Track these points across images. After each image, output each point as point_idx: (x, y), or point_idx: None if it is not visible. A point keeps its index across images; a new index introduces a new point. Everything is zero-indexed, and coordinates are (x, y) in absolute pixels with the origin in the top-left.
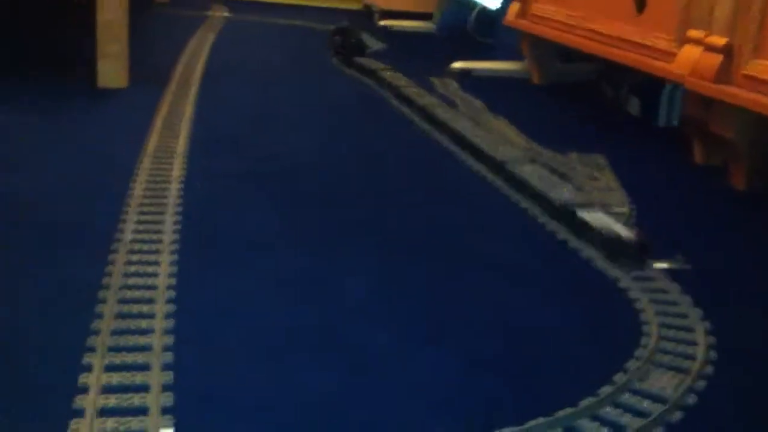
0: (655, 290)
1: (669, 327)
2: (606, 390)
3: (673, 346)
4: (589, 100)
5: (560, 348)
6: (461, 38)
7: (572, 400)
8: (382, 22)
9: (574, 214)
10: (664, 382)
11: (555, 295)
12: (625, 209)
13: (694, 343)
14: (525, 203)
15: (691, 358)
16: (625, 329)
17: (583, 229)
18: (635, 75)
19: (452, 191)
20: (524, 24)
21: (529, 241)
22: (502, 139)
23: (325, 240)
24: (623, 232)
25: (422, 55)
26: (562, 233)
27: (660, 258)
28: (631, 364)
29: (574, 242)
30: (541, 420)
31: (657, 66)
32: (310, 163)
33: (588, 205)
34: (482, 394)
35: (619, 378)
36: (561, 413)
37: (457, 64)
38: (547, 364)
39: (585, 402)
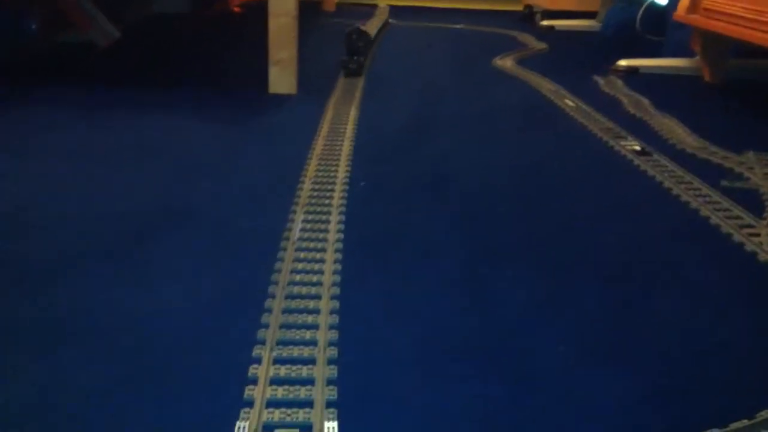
0: None
1: None
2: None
3: None
4: None
5: (738, 365)
6: (628, 36)
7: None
8: (545, 22)
9: None
10: None
11: (730, 309)
12: None
13: None
14: (705, 210)
15: None
16: None
17: None
18: None
19: (627, 204)
20: (695, 19)
21: (705, 253)
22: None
23: (489, 249)
24: None
25: (587, 53)
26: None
27: None
28: None
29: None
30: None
31: None
32: (474, 169)
33: None
34: (658, 420)
35: None
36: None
37: (623, 62)
38: (722, 383)
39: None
